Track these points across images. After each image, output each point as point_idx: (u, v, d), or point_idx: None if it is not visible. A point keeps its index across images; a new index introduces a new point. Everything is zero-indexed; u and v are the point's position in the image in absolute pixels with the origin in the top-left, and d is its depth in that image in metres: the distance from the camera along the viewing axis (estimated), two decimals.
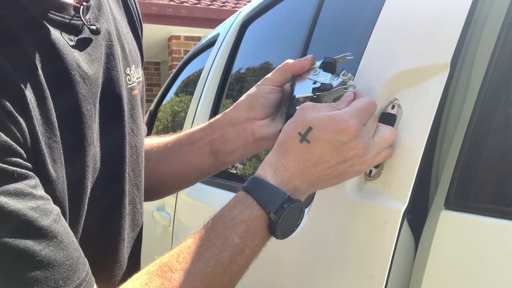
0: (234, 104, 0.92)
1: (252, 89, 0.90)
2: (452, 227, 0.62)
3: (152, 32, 7.02)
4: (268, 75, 0.89)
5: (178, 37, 7.39)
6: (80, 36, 0.70)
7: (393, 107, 0.74)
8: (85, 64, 0.69)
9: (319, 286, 0.81)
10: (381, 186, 0.72)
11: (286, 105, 0.88)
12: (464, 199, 0.63)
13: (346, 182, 0.78)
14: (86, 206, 0.69)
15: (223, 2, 7.75)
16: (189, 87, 2.57)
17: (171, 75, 2.91)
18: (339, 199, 0.79)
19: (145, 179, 0.86)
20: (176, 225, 1.87)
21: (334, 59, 0.82)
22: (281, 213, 0.67)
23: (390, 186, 0.71)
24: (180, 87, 2.80)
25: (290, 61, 0.85)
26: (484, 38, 0.67)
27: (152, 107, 3.06)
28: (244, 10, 1.92)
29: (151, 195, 0.97)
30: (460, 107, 0.68)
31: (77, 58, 0.68)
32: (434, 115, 0.66)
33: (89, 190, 0.70)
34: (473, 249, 0.58)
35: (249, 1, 2.94)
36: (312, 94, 0.80)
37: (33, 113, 0.60)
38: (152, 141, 1.01)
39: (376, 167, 0.74)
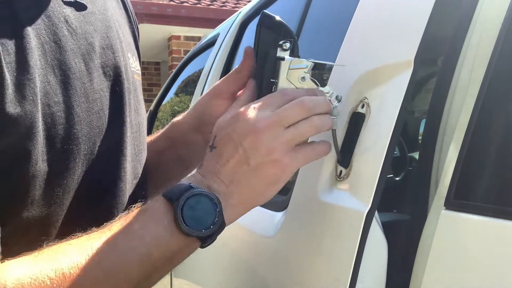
0: (184, 114, 0.93)
1: (202, 105, 0.88)
2: (452, 227, 0.62)
3: (152, 32, 7.02)
4: (221, 85, 0.84)
5: (178, 37, 7.39)
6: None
7: (362, 106, 0.74)
8: (76, 22, 0.70)
9: (290, 286, 0.82)
10: (349, 187, 0.72)
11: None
12: (464, 199, 0.63)
13: (318, 182, 0.77)
14: (81, 145, 0.68)
15: (223, 2, 7.75)
16: (189, 87, 2.57)
17: (171, 75, 2.91)
18: (311, 199, 0.80)
19: None
20: None
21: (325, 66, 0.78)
22: (181, 197, 0.65)
23: (356, 187, 0.71)
24: (180, 87, 2.80)
25: (239, 70, 0.80)
26: (484, 38, 0.67)
27: (152, 107, 3.06)
28: (244, 10, 1.92)
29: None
30: (460, 107, 0.68)
31: (67, 15, 0.69)
32: (398, 114, 0.66)
33: (82, 130, 0.68)
34: (473, 249, 0.58)
35: (249, 1, 2.94)
36: None
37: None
38: None
39: (346, 167, 0.74)
